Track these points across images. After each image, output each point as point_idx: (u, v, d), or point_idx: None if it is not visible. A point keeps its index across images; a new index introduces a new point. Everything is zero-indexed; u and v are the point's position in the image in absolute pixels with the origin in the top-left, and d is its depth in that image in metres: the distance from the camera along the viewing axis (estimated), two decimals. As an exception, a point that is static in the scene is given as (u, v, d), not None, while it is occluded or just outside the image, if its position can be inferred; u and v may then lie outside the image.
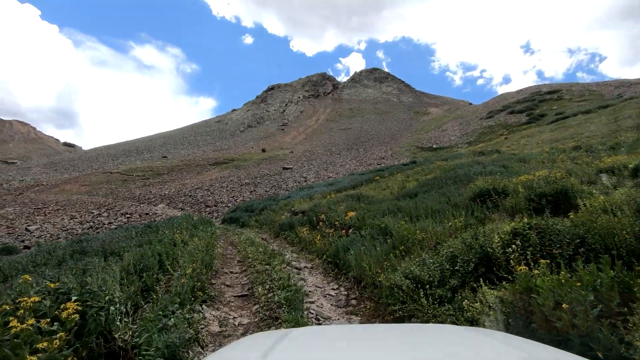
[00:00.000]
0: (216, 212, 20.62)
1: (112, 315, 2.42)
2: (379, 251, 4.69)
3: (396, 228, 5.63)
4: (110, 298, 2.54)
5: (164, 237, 6.12)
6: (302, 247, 7.49)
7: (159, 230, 7.30)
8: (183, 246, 5.71)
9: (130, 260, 3.88)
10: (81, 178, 45.10)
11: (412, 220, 6.24)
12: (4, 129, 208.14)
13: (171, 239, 6.03)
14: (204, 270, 4.41)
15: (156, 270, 3.95)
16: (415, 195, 10.12)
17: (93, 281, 2.62)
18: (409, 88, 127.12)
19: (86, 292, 2.45)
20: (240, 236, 9.40)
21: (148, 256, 4.13)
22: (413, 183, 12.91)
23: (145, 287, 3.55)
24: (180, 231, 6.97)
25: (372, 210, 7.42)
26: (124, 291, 2.90)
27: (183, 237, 6.41)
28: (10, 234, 17.40)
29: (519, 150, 21.01)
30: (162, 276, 4.16)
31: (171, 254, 4.76)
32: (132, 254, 4.24)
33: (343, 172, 32.65)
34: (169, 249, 4.92)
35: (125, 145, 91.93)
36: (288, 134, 79.83)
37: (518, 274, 2.59)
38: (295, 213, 11.72)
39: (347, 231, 6.81)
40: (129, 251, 4.81)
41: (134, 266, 3.82)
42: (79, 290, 2.46)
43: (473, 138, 49.99)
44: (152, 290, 3.51)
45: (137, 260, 3.97)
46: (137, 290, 3.23)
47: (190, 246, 5.50)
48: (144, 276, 3.62)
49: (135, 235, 7.12)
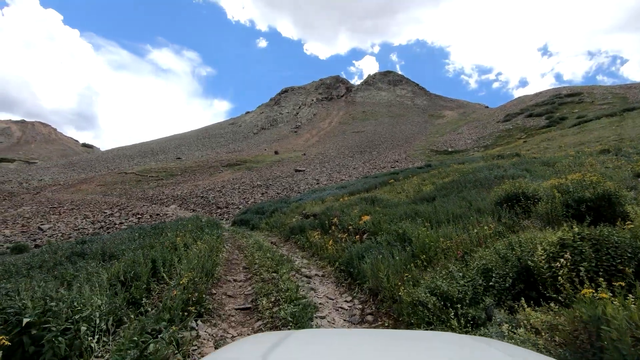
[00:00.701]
0: (227, 214, 20.39)
1: (83, 336, 2.03)
2: (397, 260, 4.23)
3: (416, 234, 5.15)
4: (89, 314, 2.16)
5: (166, 240, 5.77)
6: (313, 253, 7.05)
7: (164, 233, 6.97)
8: (185, 250, 5.34)
9: (120, 267, 3.51)
10: (97, 178, 45.80)
11: (433, 225, 5.76)
12: (27, 130, 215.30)
13: (172, 242, 5.67)
14: (203, 279, 4.01)
15: (145, 280, 3.51)
16: (432, 199, 9.58)
17: (65, 295, 2.25)
18: (424, 91, 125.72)
19: (49, 310, 2.06)
20: (248, 239, 9.02)
21: (140, 263, 3.75)
22: (430, 186, 12.34)
23: (132, 299, 3.17)
24: (183, 234, 6.62)
25: (388, 214, 6.95)
26: (106, 304, 2.53)
27: (186, 241, 6.05)
28: (24, 232, 17.52)
29: (540, 153, 20.12)
30: (156, 285, 3.77)
31: (169, 260, 4.35)
32: (123, 260, 3.87)
33: (356, 175, 32.13)
34: (166, 254, 4.52)
35: (141, 146, 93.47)
36: (301, 136, 79.73)
37: (579, 297, 2.10)
38: (307, 216, 11.31)
39: (361, 236, 6.35)
40: (127, 255, 4.47)
41: (124, 274, 3.46)
42: (40, 307, 2.07)
43: (490, 142, 48.85)
44: (140, 303, 3.12)
45: (128, 266, 3.60)
46: (122, 303, 2.84)
47: (194, 250, 5.13)
48: (133, 286, 3.23)
49: (139, 236, 6.81)
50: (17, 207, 31.88)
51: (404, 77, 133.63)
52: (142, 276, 3.54)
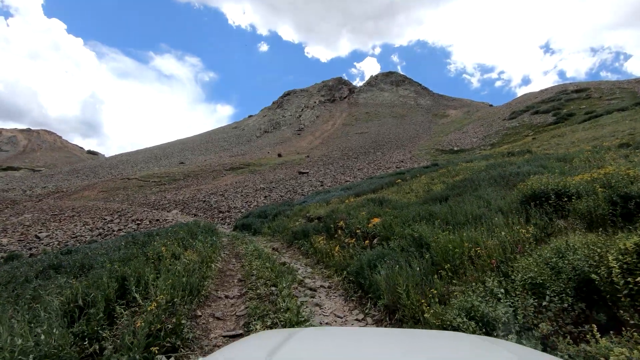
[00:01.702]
0: (229, 218, 19.82)
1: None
2: (416, 271, 3.60)
3: (434, 238, 4.52)
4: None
5: (149, 250, 5.13)
6: (318, 260, 6.42)
7: (153, 240, 6.34)
8: (172, 262, 4.72)
9: (79, 288, 2.88)
10: (100, 184, 45.52)
11: (452, 228, 5.12)
12: (32, 138, 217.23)
13: (158, 253, 5.03)
14: (187, 298, 3.39)
15: (102, 308, 2.81)
16: (445, 199, 8.93)
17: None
18: (427, 91, 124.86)
19: None
20: (248, 246, 8.36)
21: (100, 285, 3.04)
22: (440, 186, 11.68)
23: (84, 334, 2.50)
24: (172, 242, 5.96)
25: (400, 216, 6.31)
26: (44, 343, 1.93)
27: (174, 250, 5.42)
28: (22, 240, 17.06)
29: (552, 150, 19.36)
30: (125, 310, 3.10)
31: (146, 275, 3.69)
32: (85, 279, 3.24)
33: (361, 176, 31.47)
34: (142, 268, 3.85)
35: (145, 152, 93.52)
36: (304, 138, 79.23)
37: None
38: (311, 219, 10.70)
39: (370, 241, 5.72)
40: (98, 269, 3.88)
41: (83, 297, 2.83)
42: None
43: (496, 140, 48.02)
44: (97, 337, 2.46)
45: (90, 286, 2.95)
46: (66, 341, 2.21)
47: (183, 261, 4.54)
48: (87, 315, 2.56)
49: (125, 245, 6.20)
50: (19, 215, 31.59)
51: (407, 78, 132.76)
52: (98, 302, 2.77)
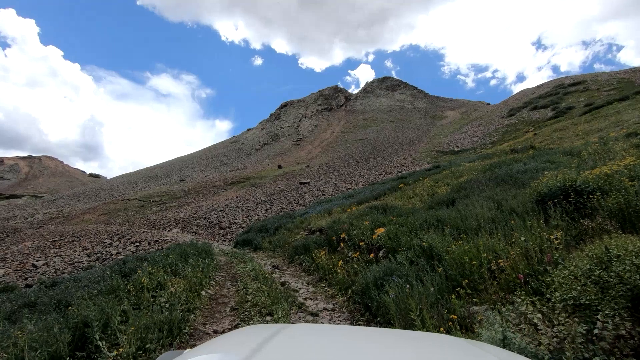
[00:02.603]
0: (230, 234, 19.35)
1: None
2: (429, 289, 3.14)
3: (445, 248, 4.06)
4: None
5: (132, 282, 4.63)
6: (321, 277, 5.94)
7: (141, 268, 5.82)
8: (156, 293, 4.24)
9: (25, 341, 2.42)
10: (100, 207, 45.20)
11: (464, 235, 4.66)
12: (34, 165, 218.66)
13: (139, 284, 4.54)
14: (165, 340, 2.93)
15: None
16: (452, 202, 8.48)
17: None
18: (423, 93, 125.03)
19: None
20: (247, 265, 7.84)
21: (50, 339, 2.51)
22: (445, 188, 11.24)
23: None
24: (159, 269, 5.44)
25: (406, 224, 5.86)
26: None
27: (160, 278, 4.93)
28: (18, 270, 16.60)
29: (556, 144, 18.93)
30: None
31: (117, 315, 3.18)
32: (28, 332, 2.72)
33: (362, 183, 31.02)
34: (110, 308, 3.34)
35: (145, 171, 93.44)
36: (303, 148, 79.01)
37: None
38: (312, 231, 10.24)
39: (376, 254, 5.27)
40: (81, 305, 3.43)
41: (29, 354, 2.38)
42: None
43: (496, 138, 47.67)
44: None
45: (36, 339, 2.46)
46: None
47: (170, 290, 4.08)
48: None
49: (110, 275, 5.70)
50: (19, 243, 31.19)
51: (402, 82, 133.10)
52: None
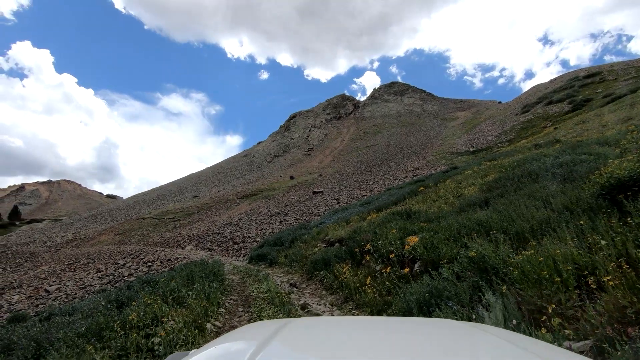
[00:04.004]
0: (244, 249, 18.70)
1: None
2: (499, 317, 2.36)
3: (502, 259, 3.26)
4: None
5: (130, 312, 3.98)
6: (346, 297, 5.14)
7: (140, 296, 5.15)
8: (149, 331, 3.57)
9: None
10: (116, 227, 45.33)
11: (516, 241, 3.85)
12: (53, 189, 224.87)
13: (128, 322, 3.84)
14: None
15: None
16: (485, 202, 7.62)
17: None
18: (432, 96, 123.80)
19: None
20: (261, 284, 7.00)
21: None
22: (472, 189, 10.35)
23: None
24: (154, 299, 4.69)
25: (441, 231, 5.06)
26: None
27: (157, 311, 4.21)
28: (31, 296, 16.26)
29: (583, 136, 17.78)
30: None
31: None
32: None
33: (377, 189, 30.12)
34: None
35: (160, 190, 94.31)
36: (315, 158, 78.50)
37: None
38: (331, 243, 9.47)
39: (410, 267, 4.48)
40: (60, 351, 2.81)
41: None
42: None
43: (513, 135, 46.22)
44: None
45: None
46: None
47: (167, 325, 3.41)
48: None
49: (105, 306, 5.03)
50: (36, 267, 31.24)
51: (410, 86, 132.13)
52: None
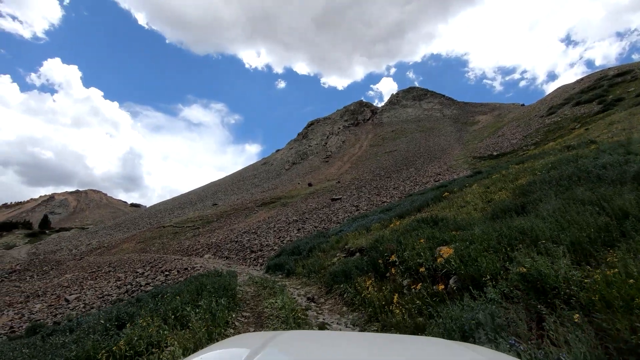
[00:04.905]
0: (261, 258, 18.30)
1: None
2: (579, 357, 1.77)
3: (562, 276, 2.64)
4: None
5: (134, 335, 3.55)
6: (370, 315, 4.55)
7: (140, 314, 4.72)
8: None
9: None
10: (137, 235, 46.03)
11: (571, 253, 3.21)
12: (81, 198, 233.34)
13: (120, 351, 3.40)
14: None
15: None
16: (521, 208, 6.90)
17: None
18: (451, 100, 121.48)
19: None
20: (277, 298, 6.46)
21: None
22: (503, 193, 9.57)
23: None
24: (155, 318, 4.25)
25: (477, 240, 4.43)
26: None
27: (154, 335, 3.75)
28: (52, 305, 16.34)
29: (621, 136, 16.58)
30: None
31: None
32: None
33: (398, 195, 29.27)
34: None
35: (181, 198, 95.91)
36: (333, 165, 78.00)
37: None
38: (351, 252, 8.90)
39: (445, 283, 3.89)
40: None
41: None
42: None
43: (538, 138, 44.40)
44: None
45: None
46: None
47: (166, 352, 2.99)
48: None
49: (105, 322, 4.64)
50: (61, 275, 31.89)
51: (428, 91, 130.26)
52: None
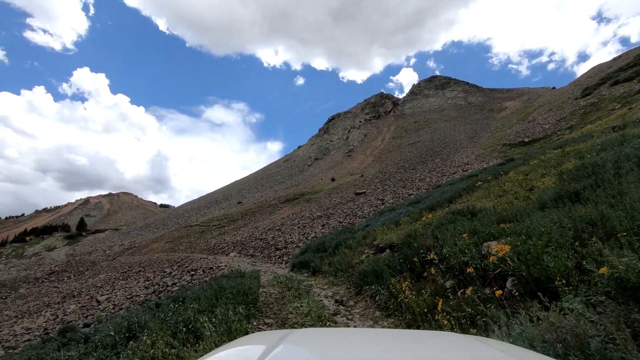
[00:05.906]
0: (286, 255, 17.95)
1: None
2: None
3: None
4: None
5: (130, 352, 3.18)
6: (408, 323, 3.92)
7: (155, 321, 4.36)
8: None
9: None
10: (166, 235, 47.06)
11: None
12: (114, 201, 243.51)
13: None
14: None
15: None
16: (575, 195, 6.05)
17: None
18: (475, 88, 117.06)
19: None
20: (302, 301, 5.93)
21: None
22: (547, 179, 8.64)
23: None
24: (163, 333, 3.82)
25: (534, 234, 3.72)
26: None
27: (158, 355, 3.33)
28: (84, 306, 16.65)
29: (675, 113, 14.98)
30: None
31: None
32: None
33: (425, 187, 28.20)
34: None
35: (207, 197, 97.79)
36: (355, 159, 76.99)
37: None
38: (380, 249, 8.27)
39: (502, 288, 3.23)
40: None
41: None
42: None
43: (574, 122, 41.77)
44: None
45: None
46: None
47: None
48: None
49: (115, 334, 4.31)
50: (95, 275, 32.98)
51: (451, 79, 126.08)
52: None
